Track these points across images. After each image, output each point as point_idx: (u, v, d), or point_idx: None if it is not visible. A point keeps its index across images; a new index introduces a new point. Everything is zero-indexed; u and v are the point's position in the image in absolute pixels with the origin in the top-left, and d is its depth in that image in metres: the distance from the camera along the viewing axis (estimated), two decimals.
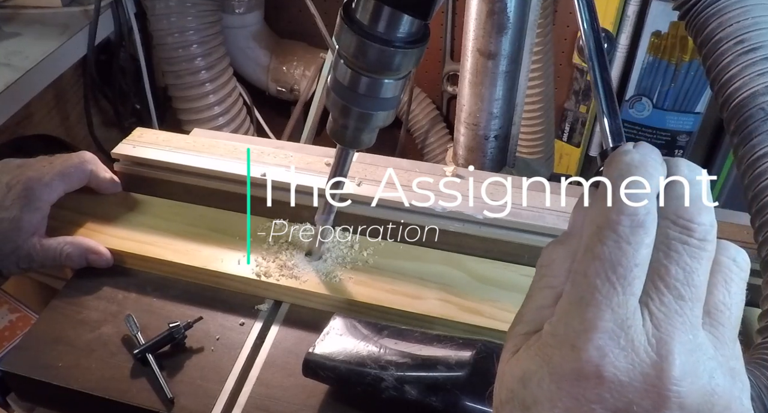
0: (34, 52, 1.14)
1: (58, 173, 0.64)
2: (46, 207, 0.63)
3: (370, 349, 0.51)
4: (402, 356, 0.49)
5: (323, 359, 0.51)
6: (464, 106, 0.83)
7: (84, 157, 0.67)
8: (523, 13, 0.74)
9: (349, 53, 0.46)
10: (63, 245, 0.63)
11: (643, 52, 1.43)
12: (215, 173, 0.70)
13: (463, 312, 0.59)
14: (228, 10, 1.55)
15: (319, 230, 0.62)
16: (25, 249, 0.61)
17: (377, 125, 0.52)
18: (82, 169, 0.66)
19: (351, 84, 0.49)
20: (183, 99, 1.49)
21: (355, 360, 0.50)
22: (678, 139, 1.52)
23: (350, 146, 0.54)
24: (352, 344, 0.52)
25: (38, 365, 0.57)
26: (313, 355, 0.52)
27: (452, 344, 0.50)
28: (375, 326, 0.54)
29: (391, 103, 0.50)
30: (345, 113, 0.51)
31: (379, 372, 0.48)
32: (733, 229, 0.63)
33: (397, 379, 0.48)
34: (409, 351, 0.50)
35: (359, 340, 0.52)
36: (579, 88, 1.51)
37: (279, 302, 0.62)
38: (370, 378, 0.48)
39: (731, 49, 0.51)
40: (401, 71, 0.48)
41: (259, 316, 0.61)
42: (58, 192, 0.64)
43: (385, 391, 0.48)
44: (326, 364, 0.51)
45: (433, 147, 1.70)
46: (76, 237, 0.65)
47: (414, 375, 0.48)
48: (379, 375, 0.48)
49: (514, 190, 0.68)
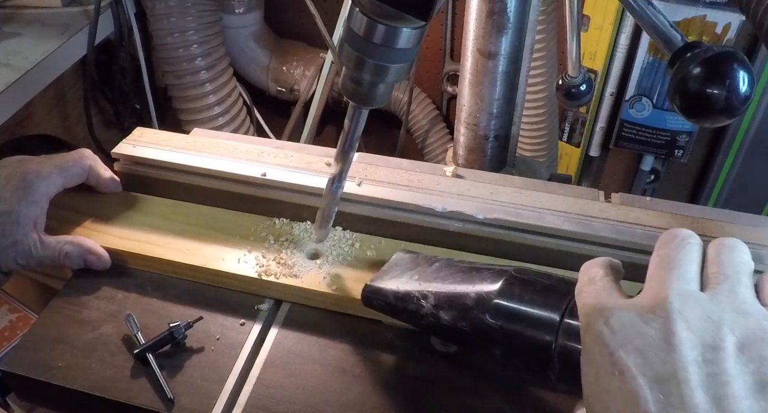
0: (34, 52, 1.14)
1: (56, 167, 0.64)
2: (45, 201, 0.63)
3: (417, 280, 0.55)
4: (441, 286, 0.53)
5: (377, 289, 0.56)
6: (464, 106, 0.83)
7: (83, 153, 0.68)
8: (523, 13, 0.74)
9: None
10: (62, 244, 0.63)
11: (643, 52, 1.43)
12: (215, 172, 0.70)
13: None
14: (228, 10, 1.56)
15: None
16: (24, 244, 0.61)
17: (392, 79, 0.51)
18: (80, 164, 0.67)
19: (367, 33, 0.47)
20: (183, 99, 1.49)
21: (402, 290, 0.54)
22: (678, 139, 1.52)
23: (363, 103, 0.53)
24: (404, 275, 0.56)
25: (38, 365, 0.57)
26: (368, 286, 0.57)
27: (488, 272, 0.52)
28: (429, 259, 0.58)
29: (407, 55, 0.49)
30: (359, 65, 0.49)
31: (420, 300, 0.52)
32: (733, 229, 0.63)
33: (435, 306, 0.51)
34: (449, 280, 0.53)
35: (410, 272, 0.57)
36: None
37: (279, 302, 0.62)
38: (412, 306, 0.53)
39: None
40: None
41: (259, 316, 0.61)
42: (56, 186, 0.64)
43: (425, 318, 0.52)
44: (378, 294, 0.56)
45: (433, 147, 1.70)
46: (76, 237, 0.64)
47: (447, 302, 0.51)
48: (420, 303, 0.52)
49: (514, 190, 0.68)
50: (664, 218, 0.65)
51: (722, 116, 0.46)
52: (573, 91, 0.95)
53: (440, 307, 0.51)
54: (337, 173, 0.58)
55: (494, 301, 0.48)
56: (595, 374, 0.38)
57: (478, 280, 0.51)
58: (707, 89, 0.45)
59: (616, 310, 0.39)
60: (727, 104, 0.45)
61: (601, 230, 0.63)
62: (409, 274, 0.56)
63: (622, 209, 0.66)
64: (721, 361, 0.35)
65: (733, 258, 0.40)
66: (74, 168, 0.66)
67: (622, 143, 1.57)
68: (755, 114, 1.46)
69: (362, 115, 0.54)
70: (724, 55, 0.46)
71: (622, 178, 1.73)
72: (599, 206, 0.66)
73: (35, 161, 0.64)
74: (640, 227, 0.64)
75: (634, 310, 0.38)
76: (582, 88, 0.95)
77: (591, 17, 1.43)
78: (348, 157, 0.57)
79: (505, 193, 0.68)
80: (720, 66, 0.45)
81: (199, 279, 0.64)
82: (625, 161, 1.70)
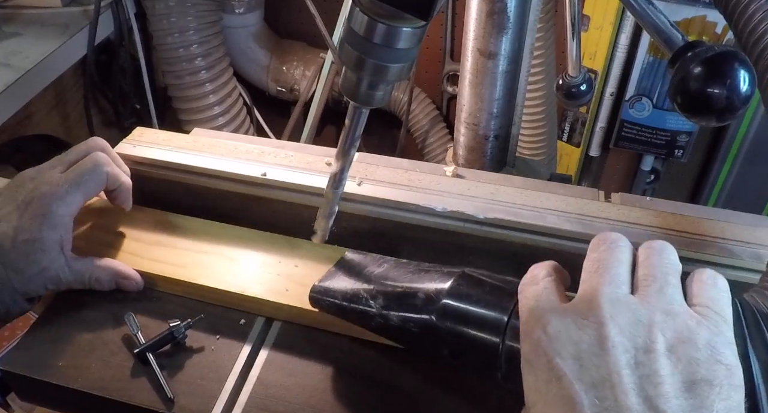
0: (34, 52, 1.14)
1: (72, 184, 0.60)
2: (68, 222, 0.60)
3: (365, 280, 0.54)
4: (390, 286, 0.52)
5: (324, 290, 0.56)
6: (464, 106, 0.83)
7: (98, 159, 0.63)
8: (523, 13, 0.74)
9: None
10: (92, 268, 0.61)
11: (643, 52, 1.43)
12: (215, 172, 0.70)
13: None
14: (228, 10, 1.56)
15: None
16: (52, 271, 0.59)
17: (393, 79, 0.51)
18: (97, 174, 0.62)
19: (367, 33, 0.47)
20: (183, 99, 1.49)
21: (351, 291, 0.54)
22: (678, 139, 1.52)
23: (364, 103, 0.53)
24: (353, 276, 0.56)
25: (38, 365, 0.57)
26: (316, 286, 0.56)
27: (437, 273, 0.51)
28: (377, 260, 0.57)
29: (408, 54, 0.49)
30: (360, 65, 0.49)
31: (369, 300, 0.52)
32: (733, 229, 0.63)
33: (383, 307, 0.51)
34: (398, 281, 0.53)
35: (359, 272, 0.56)
36: None
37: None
38: (361, 307, 0.52)
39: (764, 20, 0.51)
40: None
41: (259, 316, 0.61)
42: (76, 204, 0.61)
43: (373, 318, 0.51)
44: (327, 294, 0.55)
45: (433, 147, 1.70)
46: (106, 260, 0.62)
47: (395, 303, 0.51)
48: (368, 304, 0.52)
49: (514, 190, 0.68)
50: (664, 218, 0.65)
51: (723, 116, 0.46)
52: (573, 91, 0.95)
53: (389, 308, 0.51)
54: (337, 173, 0.58)
55: (442, 301, 0.48)
56: (534, 381, 0.39)
57: (426, 280, 0.51)
58: (708, 89, 0.45)
59: (553, 317, 0.40)
60: (727, 104, 0.45)
61: (601, 230, 0.63)
62: (357, 274, 0.56)
63: (622, 209, 0.66)
64: (652, 362, 0.36)
65: (662, 260, 0.42)
66: (92, 180, 0.62)
67: (622, 143, 1.57)
68: (755, 114, 1.47)
69: (362, 115, 0.54)
70: (724, 54, 0.46)
71: (622, 178, 1.73)
72: (599, 206, 0.66)
73: (49, 180, 0.60)
74: (640, 227, 0.64)
75: (569, 316, 0.39)
76: (582, 88, 0.96)
77: (591, 17, 1.43)
78: (348, 157, 0.57)
79: (505, 193, 0.68)
80: (721, 65, 0.45)
81: (230, 304, 0.61)
82: (625, 161, 1.70)
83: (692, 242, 0.62)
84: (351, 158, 0.58)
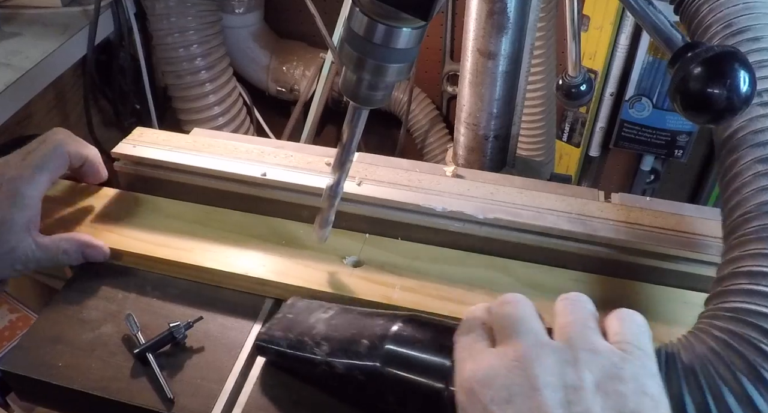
0: (34, 52, 1.14)
1: (36, 167, 0.63)
2: (36, 203, 0.62)
3: (310, 327, 0.54)
4: (335, 332, 0.52)
5: (269, 337, 0.55)
6: (464, 106, 0.83)
7: (56, 140, 0.65)
8: (523, 13, 0.74)
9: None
10: (58, 242, 0.62)
11: (643, 52, 1.43)
12: (215, 172, 0.70)
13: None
14: (228, 10, 1.55)
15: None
16: (21, 250, 0.61)
17: (393, 79, 0.51)
18: (58, 154, 0.65)
19: (367, 33, 0.47)
20: (183, 99, 1.49)
21: (295, 338, 0.53)
22: (678, 139, 1.52)
23: (364, 104, 0.53)
24: (298, 323, 0.55)
25: (38, 365, 0.57)
26: (261, 334, 0.55)
27: (381, 318, 0.51)
28: (323, 306, 0.57)
29: (407, 55, 0.49)
30: (359, 65, 0.49)
31: (314, 347, 0.51)
32: None
33: (328, 354, 0.51)
34: (343, 327, 0.52)
35: (304, 319, 0.55)
36: None
37: (279, 302, 0.62)
38: (306, 355, 0.52)
39: (720, 33, 0.53)
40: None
41: (259, 316, 0.61)
42: (43, 184, 0.63)
43: (318, 366, 0.51)
44: (271, 342, 0.54)
45: (433, 147, 1.70)
46: (72, 233, 0.64)
47: (340, 349, 0.50)
48: (313, 351, 0.51)
49: (514, 190, 0.68)
50: (664, 218, 0.65)
51: (723, 116, 0.46)
52: (573, 91, 0.95)
53: (334, 355, 0.50)
54: (336, 174, 0.58)
55: (386, 347, 0.48)
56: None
57: (370, 326, 0.51)
58: (708, 89, 0.45)
59: (485, 365, 0.41)
60: (727, 104, 0.45)
61: (601, 230, 0.63)
62: (302, 322, 0.55)
63: (622, 209, 0.66)
64: (583, 400, 0.37)
65: (577, 308, 0.44)
66: (54, 161, 0.64)
67: (622, 143, 1.57)
68: None
69: (362, 115, 0.54)
70: (725, 54, 0.46)
71: (622, 178, 1.73)
72: (599, 206, 0.66)
73: (14, 165, 0.63)
74: (640, 227, 0.64)
75: (499, 362, 0.41)
76: (582, 88, 0.96)
77: (591, 17, 1.43)
78: (347, 159, 0.57)
79: (505, 193, 0.68)
80: (721, 65, 0.45)
81: (203, 279, 0.64)
82: (625, 161, 1.70)
83: (692, 242, 0.62)
84: (350, 160, 0.58)
